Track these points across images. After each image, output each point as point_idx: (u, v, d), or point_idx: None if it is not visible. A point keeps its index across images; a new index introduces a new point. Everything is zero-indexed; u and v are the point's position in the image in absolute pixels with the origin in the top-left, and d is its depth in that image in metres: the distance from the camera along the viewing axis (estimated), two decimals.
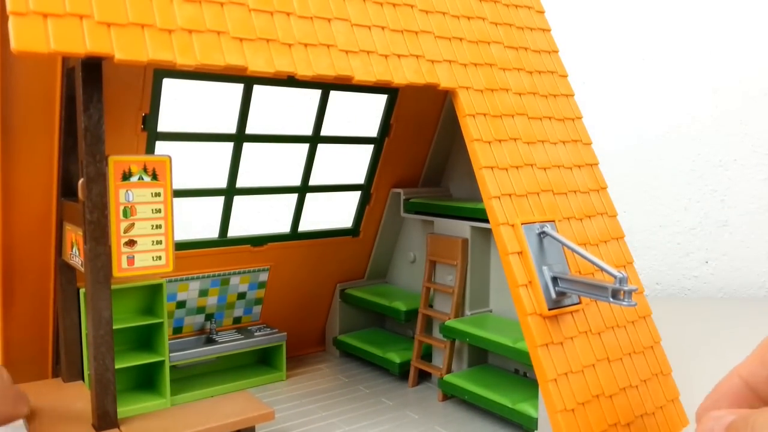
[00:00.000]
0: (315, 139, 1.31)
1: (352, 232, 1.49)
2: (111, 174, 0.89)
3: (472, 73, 1.16)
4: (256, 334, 1.36)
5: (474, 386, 1.18)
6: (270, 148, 1.34)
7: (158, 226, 0.94)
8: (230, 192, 1.25)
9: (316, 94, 1.28)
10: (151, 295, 1.20)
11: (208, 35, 0.86)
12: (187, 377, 1.31)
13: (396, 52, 1.06)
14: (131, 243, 0.92)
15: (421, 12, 1.14)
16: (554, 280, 1.05)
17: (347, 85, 1.28)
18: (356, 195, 1.47)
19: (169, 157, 0.95)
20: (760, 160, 2.25)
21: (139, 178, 0.92)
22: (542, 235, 1.09)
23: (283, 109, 1.50)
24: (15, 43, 0.70)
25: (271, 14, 0.93)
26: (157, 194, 0.93)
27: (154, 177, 0.93)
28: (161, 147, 1.12)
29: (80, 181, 0.87)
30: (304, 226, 1.41)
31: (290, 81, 1.20)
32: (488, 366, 1.30)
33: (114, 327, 1.10)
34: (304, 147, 1.33)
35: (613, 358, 1.09)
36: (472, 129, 1.09)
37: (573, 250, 1.05)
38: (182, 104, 1.20)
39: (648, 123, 2.29)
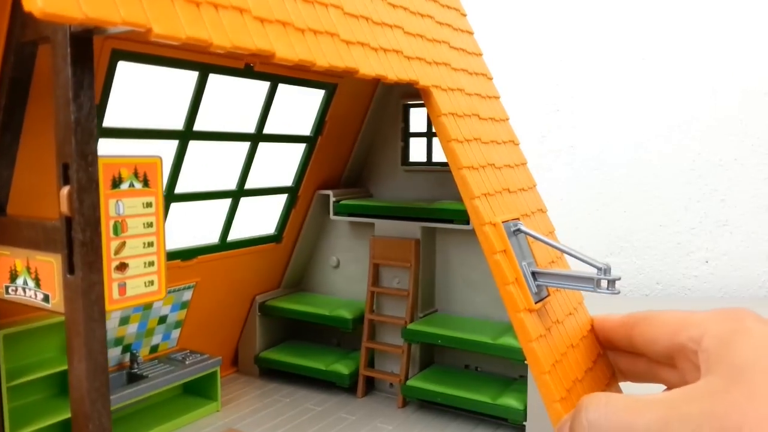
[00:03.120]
0: (257, 137, 1.17)
1: (276, 238, 1.37)
2: (100, 180, 0.70)
3: (435, 71, 1.14)
4: (186, 362, 1.18)
5: (444, 388, 1.17)
6: (201, 148, 1.17)
7: (150, 244, 0.76)
8: (168, 198, 1.06)
9: (248, 87, 1.15)
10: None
11: (232, 12, 0.72)
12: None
13: (383, 46, 1.00)
14: (122, 267, 0.73)
15: (389, 5, 1.09)
16: (533, 274, 1.09)
17: (293, 79, 1.17)
18: (281, 198, 1.35)
19: (160, 159, 0.77)
20: (760, 160, 2.21)
21: (130, 185, 0.73)
22: (516, 232, 1.12)
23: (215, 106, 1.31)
24: (41, 2, 0.51)
25: None
26: (149, 204, 0.76)
27: (146, 183, 0.75)
28: (102, 145, 0.91)
29: (64, 191, 0.67)
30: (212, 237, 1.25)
31: (245, 71, 1.07)
32: (439, 366, 1.30)
33: (36, 375, 0.89)
34: (236, 146, 1.19)
35: (575, 344, 1.17)
36: (449, 129, 1.08)
37: (549, 245, 1.10)
38: (122, 99, 0.98)
39: (648, 123, 2.25)
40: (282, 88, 1.20)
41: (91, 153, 0.66)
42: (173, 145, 1.03)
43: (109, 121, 0.91)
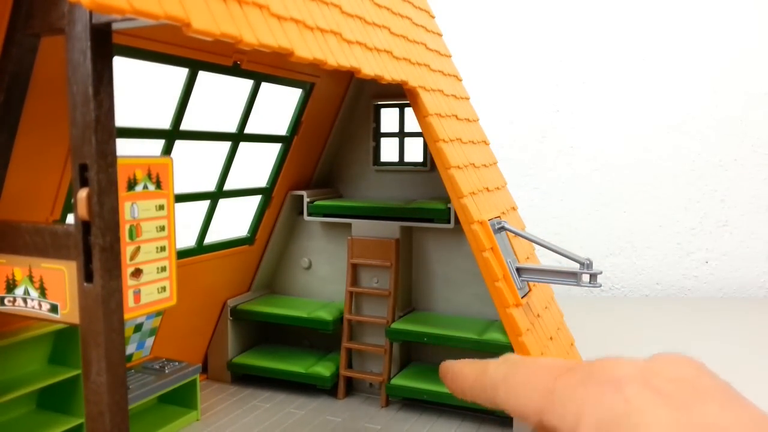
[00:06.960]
0: (239, 137, 1.14)
1: (248, 240, 1.34)
2: None
3: (419, 72, 1.15)
4: (166, 371, 1.13)
5: (429, 385, 1.19)
6: (181, 149, 1.12)
7: (162, 249, 0.73)
8: None
9: (225, 87, 1.12)
10: (57, 341, 0.91)
11: (253, 8, 0.70)
12: None
13: (377, 46, 0.99)
14: (137, 273, 0.70)
15: (375, 5, 1.08)
16: (518, 271, 1.12)
17: (275, 77, 1.15)
18: (253, 199, 1.32)
19: (171, 159, 0.74)
20: (760, 160, 2.22)
21: (144, 187, 0.70)
22: (500, 229, 1.15)
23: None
24: None
25: None
26: (161, 207, 0.73)
27: (158, 185, 0.72)
28: None
29: (82, 193, 0.63)
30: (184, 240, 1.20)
31: (233, 69, 1.04)
32: (417, 364, 1.31)
33: (23, 390, 0.84)
34: (212, 146, 1.15)
35: (552, 336, 1.22)
36: (437, 129, 1.09)
37: (534, 241, 1.14)
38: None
39: (648, 123, 2.26)
40: (261, 87, 1.17)
41: (110, 153, 0.63)
42: (157, 144, 0.98)
43: None
